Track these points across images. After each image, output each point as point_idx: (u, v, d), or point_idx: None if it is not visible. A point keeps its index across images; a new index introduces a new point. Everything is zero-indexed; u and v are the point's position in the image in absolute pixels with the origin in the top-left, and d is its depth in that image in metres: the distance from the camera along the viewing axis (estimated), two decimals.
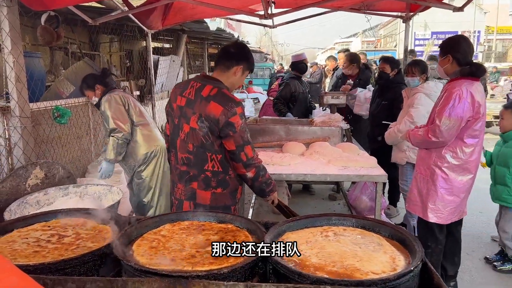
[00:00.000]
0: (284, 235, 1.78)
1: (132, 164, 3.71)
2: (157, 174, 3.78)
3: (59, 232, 1.86)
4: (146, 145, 3.68)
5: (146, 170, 3.72)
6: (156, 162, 3.75)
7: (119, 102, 3.53)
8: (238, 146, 2.28)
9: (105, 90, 3.59)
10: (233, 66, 2.37)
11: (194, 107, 2.30)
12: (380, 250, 1.64)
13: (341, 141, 3.90)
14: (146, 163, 3.71)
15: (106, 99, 3.51)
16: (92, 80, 3.60)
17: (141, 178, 3.73)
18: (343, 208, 5.02)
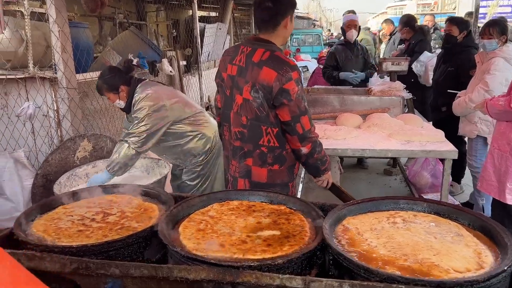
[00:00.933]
0: (344, 220, 1.58)
1: (191, 162, 3.08)
2: (211, 163, 3.17)
3: (104, 210, 1.78)
4: (206, 141, 3.06)
5: (202, 162, 3.11)
6: (213, 154, 3.16)
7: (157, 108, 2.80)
8: (294, 117, 2.06)
9: (130, 89, 2.86)
10: (280, 21, 2.10)
11: (246, 76, 2.09)
12: (461, 241, 1.40)
13: (402, 112, 3.57)
14: (206, 155, 3.10)
15: (145, 95, 2.78)
16: (113, 80, 2.85)
17: (195, 170, 3.11)
18: (400, 183, 4.71)
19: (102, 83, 2.88)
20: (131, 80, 2.93)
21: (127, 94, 2.89)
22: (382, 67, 4.31)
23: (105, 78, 2.87)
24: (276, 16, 2.08)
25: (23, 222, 1.65)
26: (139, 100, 2.78)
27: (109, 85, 2.87)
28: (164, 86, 3.11)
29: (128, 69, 3.00)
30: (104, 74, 2.90)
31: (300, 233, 1.50)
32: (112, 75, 2.88)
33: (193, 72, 5.83)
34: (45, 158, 2.68)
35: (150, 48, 4.62)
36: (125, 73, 2.95)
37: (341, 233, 1.49)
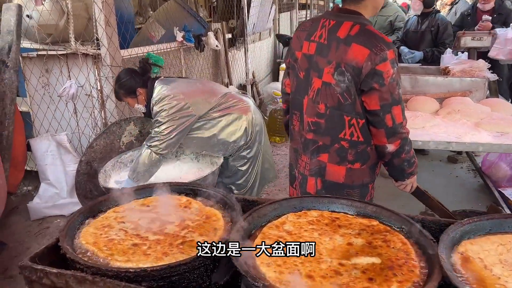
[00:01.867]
0: (460, 246, 1.25)
1: (234, 148, 2.80)
2: (257, 143, 2.89)
3: (160, 216, 1.53)
4: (240, 122, 2.77)
5: (247, 145, 2.84)
6: (255, 133, 2.87)
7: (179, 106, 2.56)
8: (384, 106, 1.70)
9: (148, 91, 2.63)
10: None
11: (328, 55, 1.74)
12: None
13: (485, 96, 3.11)
14: (248, 137, 2.82)
15: (161, 97, 2.55)
16: (129, 83, 2.64)
17: (243, 155, 2.84)
18: (468, 173, 4.26)
19: (118, 87, 2.69)
20: (148, 81, 2.68)
21: (145, 97, 2.66)
22: (460, 42, 3.79)
23: (121, 82, 2.67)
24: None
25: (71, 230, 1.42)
26: (157, 102, 2.57)
27: (126, 89, 2.66)
28: (181, 80, 2.83)
29: (145, 69, 2.74)
30: (120, 78, 2.69)
31: (406, 263, 1.19)
32: (128, 78, 2.66)
33: (239, 46, 5.47)
34: (89, 144, 2.47)
35: (195, 20, 4.30)
36: (142, 74, 2.71)
37: (461, 266, 1.17)
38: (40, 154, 2.93)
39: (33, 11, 2.90)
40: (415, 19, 4.62)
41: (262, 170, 2.93)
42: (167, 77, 2.80)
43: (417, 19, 4.58)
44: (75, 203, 3.02)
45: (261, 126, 2.93)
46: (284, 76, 2.10)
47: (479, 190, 3.83)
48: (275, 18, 7.37)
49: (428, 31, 4.39)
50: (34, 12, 2.91)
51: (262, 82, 6.67)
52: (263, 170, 2.97)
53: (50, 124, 3.05)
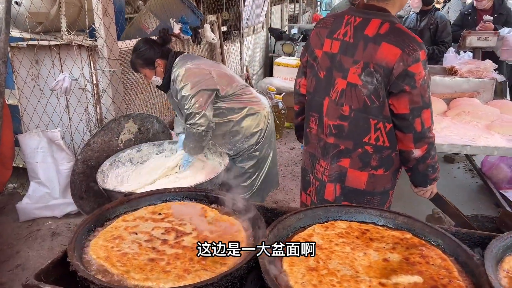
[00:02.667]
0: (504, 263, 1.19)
1: (243, 146, 2.67)
2: (267, 145, 2.78)
3: (175, 226, 1.42)
4: (258, 119, 2.68)
5: (258, 145, 2.72)
6: (268, 133, 2.77)
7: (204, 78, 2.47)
8: (414, 109, 1.61)
9: (168, 63, 2.55)
10: None
11: (355, 54, 1.64)
12: None
13: (492, 97, 3.06)
14: (261, 136, 2.72)
15: (186, 70, 2.46)
16: (148, 53, 2.52)
17: (252, 155, 2.72)
18: (465, 173, 4.24)
19: (136, 57, 2.55)
20: (168, 53, 2.58)
21: (164, 69, 2.54)
22: (465, 41, 3.75)
23: (140, 52, 2.54)
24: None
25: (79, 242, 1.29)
26: (181, 77, 2.45)
27: (144, 60, 2.53)
28: (205, 59, 2.72)
29: (165, 40, 2.62)
30: (138, 47, 2.56)
31: (450, 282, 1.11)
32: (147, 48, 2.54)
33: (233, 40, 5.32)
34: (86, 142, 2.33)
35: (191, 12, 4.13)
36: (161, 45, 2.59)
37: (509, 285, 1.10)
38: (29, 151, 2.75)
39: None
40: (414, 16, 4.57)
41: (269, 174, 2.83)
42: (191, 54, 2.72)
43: (416, 17, 4.54)
44: (68, 204, 2.86)
45: (273, 128, 2.84)
46: (298, 75, 1.98)
47: (478, 191, 3.82)
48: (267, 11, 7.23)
49: (426, 29, 4.35)
50: None
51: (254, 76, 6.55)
52: (270, 175, 2.86)
53: (40, 119, 2.87)
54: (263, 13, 6.48)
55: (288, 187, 3.94)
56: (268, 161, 2.81)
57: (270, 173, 2.82)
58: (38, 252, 2.72)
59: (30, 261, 2.65)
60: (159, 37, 2.61)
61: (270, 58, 7.22)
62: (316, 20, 7.85)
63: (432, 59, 4.29)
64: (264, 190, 2.85)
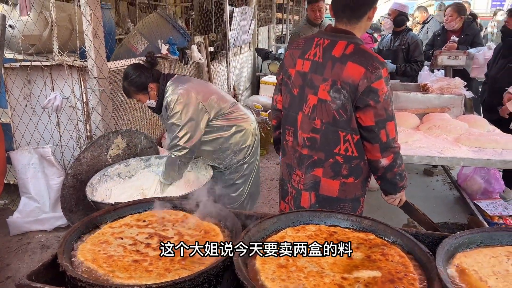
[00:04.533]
0: (455, 259, 1.31)
1: (231, 161, 2.80)
2: (254, 160, 2.92)
3: (158, 232, 1.52)
4: (246, 136, 2.81)
5: (245, 160, 2.85)
6: (255, 149, 2.92)
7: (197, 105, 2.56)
8: (379, 122, 1.75)
9: (160, 86, 2.62)
10: (368, 10, 1.80)
11: (324, 72, 1.78)
12: None
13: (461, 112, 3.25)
14: (248, 151, 2.85)
15: (178, 97, 2.53)
16: (140, 79, 2.58)
17: (239, 169, 2.85)
18: (444, 186, 4.40)
19: (128, 85, 2.61)
20: (159, 76, 2.67)
21: (157, 92, 2.63)
22: (437, 60, 3.96)
23: (132, 79, 2.60)
24: (365, 5, 1.77)
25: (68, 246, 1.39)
26: (172, 102, 2.54)
27: (137, 86, 2.60)
28: (195, 81, 2.83)
29: (152, 64, 2.69)
30: (129, 74, 2.61)
31: (406, 275, 1.23)
32: (138, 74, 2.60)
33: (220, 60, 5.50)
34: (77, 157, 2.43)
35: (179, 33, 4.30)
36: (150, 69, 2.67)
37: (458, 278, 1.22)
38: (21, 167, 2.84)
39: (17, 22, 2.84)
40: (390, 37, 4.80)
41: (254, 184, 2.96)
42: (181, 75, 2.80)
43: (391, 38, 4.77)
44: (58, 218, 2.94)
45: (259, 142, 2.98)
46: (275, 92, 2.13)
47: (455, 202, 3.97)
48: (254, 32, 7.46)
49: (399, 49, 4.56)
50: (18, 22, 2.85)
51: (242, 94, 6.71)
52: (256, 185, 3.00)
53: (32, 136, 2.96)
54: (250, 34, 6.69)
55: (273, 200, 4.05)
56: (254, 173, 2.95)
57: (255, 183, 2.97)
58: (28, 264, 2.78)
59: (20, 273, 2.70)
60: (147, 62, 2.67)
61: (257, 77, 7.41)
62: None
63: (405, 76, 4.50)
64: (251, 198, 2.99)
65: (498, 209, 3.42)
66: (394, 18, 4.46)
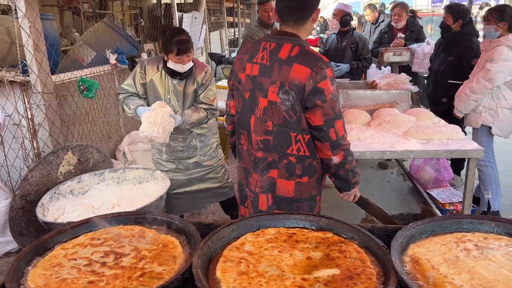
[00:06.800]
0: (409, 250, 1.35)
1: (211, 140, 3.24)
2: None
3: (114, 249, 1.47)
4: (215, 125, 3.37)
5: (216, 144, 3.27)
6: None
7: None
8: (328, 121, 1.79)
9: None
10: (312, 12, 1.84)
11: (272, 75, 1.81)
12: None
13: (409, 106, 3.38)
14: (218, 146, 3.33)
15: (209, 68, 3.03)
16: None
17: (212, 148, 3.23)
18: (398, 177, 4.56)
19: (188, 37, 2.86)
20: None
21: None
22: (383, 58, 4.11)
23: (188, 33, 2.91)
24: (308, 7, 1.81)
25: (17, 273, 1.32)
26: (211, 75, 3.04)
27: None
28: None
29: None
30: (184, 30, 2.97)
31: (363, 271, 1.26)
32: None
33: None
34: (24, 177, 2.30)
35: (127, 41, 4.20)
36: None
37: (412, 269, 1.27)
38: None
39: None
40: (335, 37, 4.90)
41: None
42: None
43: (337, 37, 4.88)
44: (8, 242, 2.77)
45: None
46: (228, 98, 2.14)
47: (409, 193, 4.14)
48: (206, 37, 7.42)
49: (348, 47, 4.69)
50: None
51: None
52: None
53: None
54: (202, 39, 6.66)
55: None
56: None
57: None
58: None
59: None
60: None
61: None
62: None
63: (357, 74, 4.64)
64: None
65: (449, 196, 3.59)
66: (340, 18, 4.58)
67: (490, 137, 3.48)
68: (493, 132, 3.42)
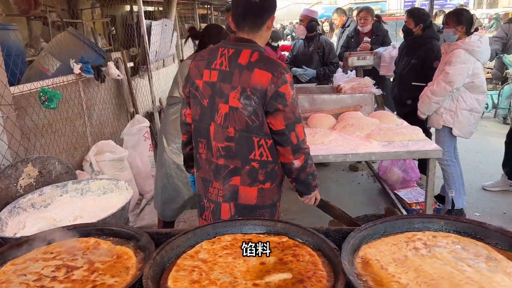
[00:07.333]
0: (360, 251, 1.37)
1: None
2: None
3: (66, 262, 1.44)
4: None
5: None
6: None
7: None
8: (289, 125, 1.82)
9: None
10: (266, 20, 1.87)
11: (232, 81, 1.81)
12: (497, 268, 1.25)
13: (373, 109, 3.45)
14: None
15: None
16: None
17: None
18: (368, 179, 4.63)
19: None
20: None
21: None
22: (347, 62, 4.19)
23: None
24: (262, 14, 1.84)
25: None
26: None
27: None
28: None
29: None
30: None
31: (314, 274, 1.28)
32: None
33: (142, 74, 5.38)
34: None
35: (93, 50, 4.15)
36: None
37: (362, 269, 1.29)
38: None
39: None
40: (302, 42, 4.98)
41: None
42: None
43: (304, 43, 4.95)
44: None
45: None
46: (183, 106, 2.10)
47: (378, 194, 4.20)
48: (178, 44, 7.39)
49: (315, 52, 4.77)
50: None
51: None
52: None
53: None
54: (173, 46, 6.63)
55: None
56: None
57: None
58: None
59: None
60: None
61: None
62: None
63: (325, 79, 4.72)
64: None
65: (416, 196, 3.67)
66: (306, 24, 4.65)
67: (451, 137, 3.58)
68: (454, 133, 3.52)
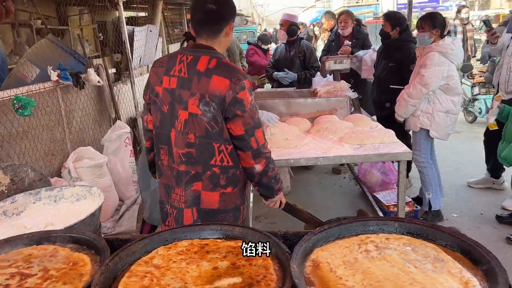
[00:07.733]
0: (312, 254, 1.38)
1: None
2: None
3: (22, 270, 1.44)
4: None
5: None
6: None
7: None
8: (248, 130, 1.84)
9: None
10: (224, 26, 1.89)
11: (191, 87, 1.83)
12: (443, 269, 1.26)
13: (349, 112, 3.48)
14: None
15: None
16: None
17: None
18: (350, 182, 4.66)
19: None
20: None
21: None
22: (325, 66, 4.22)
23: None
24: (220, 21, 1.85)
25: None
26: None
27: None
28: None
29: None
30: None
31: (264, 277, 1.28)
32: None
33: (125, 80, 5.39)
34: None
35: (72, 57, 4.15)
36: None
37: (311, 273, 1.30)
38: None
39: None
40: (283, 46, 5.01)
41: None
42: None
43: (285, 47, 4.98)
44: None
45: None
46: (144, 112, 2.11)
47: (359, 196, 4.23)
48: (163, 49, 7.41)
49: (296, 56, 4.81)
50: None
51: None
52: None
53: None
54: (158, 52, 6.64)
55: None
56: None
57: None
58: None
59: None
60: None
61: None
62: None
63: (306, 83, 4.75)
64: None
65: (394, 198, 3.69)
66: (287, 28, 4.68)
67: (428, 139, 3.61)
68: (431, 135, 3.55)
